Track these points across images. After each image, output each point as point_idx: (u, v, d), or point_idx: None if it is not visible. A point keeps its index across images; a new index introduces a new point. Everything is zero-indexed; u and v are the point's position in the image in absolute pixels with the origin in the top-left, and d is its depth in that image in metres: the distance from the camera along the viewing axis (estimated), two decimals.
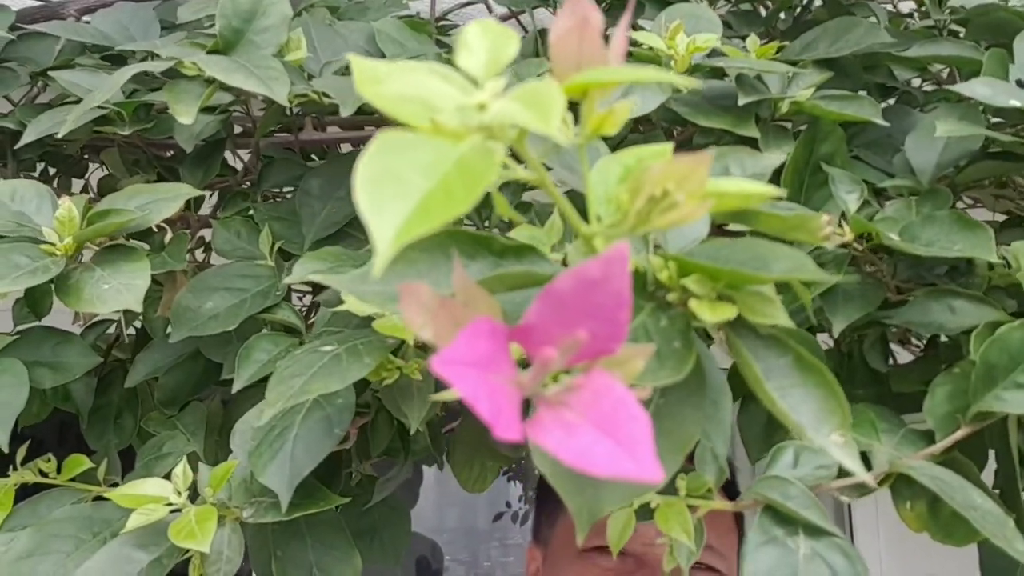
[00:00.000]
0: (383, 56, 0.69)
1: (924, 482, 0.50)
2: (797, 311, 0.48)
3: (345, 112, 0.55)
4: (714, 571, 0.80)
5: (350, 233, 0.65)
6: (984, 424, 0.56)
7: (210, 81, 0.60)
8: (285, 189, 0.80)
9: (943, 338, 0.74)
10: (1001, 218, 0.78)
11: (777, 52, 0.70)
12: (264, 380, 0.50)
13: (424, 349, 0.49)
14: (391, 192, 0.22)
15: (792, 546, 0.46)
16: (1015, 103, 0.60)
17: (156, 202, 0.59)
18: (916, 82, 0.88)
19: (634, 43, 0.66)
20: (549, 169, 0.36)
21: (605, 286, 0.24)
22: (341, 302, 0.49)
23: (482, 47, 0.27)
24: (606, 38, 0.29)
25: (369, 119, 0.82)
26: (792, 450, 0.51)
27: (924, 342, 0.78)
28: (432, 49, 0.66)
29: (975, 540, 0.57)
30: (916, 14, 0.93)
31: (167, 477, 0.53)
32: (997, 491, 0.60)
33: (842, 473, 0.52)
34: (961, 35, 0.82)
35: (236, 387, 0.57)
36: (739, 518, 0.87)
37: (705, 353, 0.37)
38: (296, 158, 0.79)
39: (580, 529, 0.33)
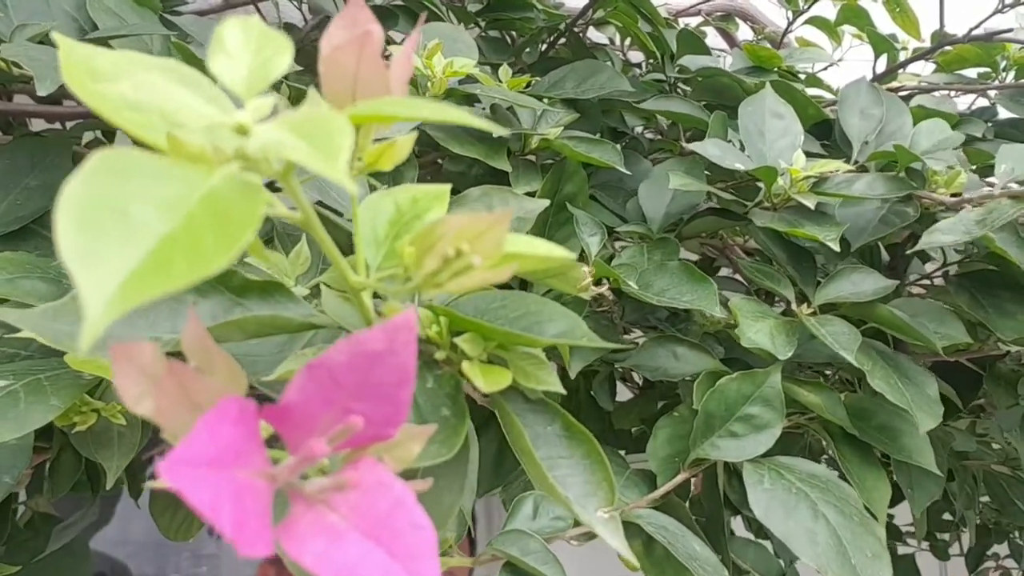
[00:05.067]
0: (95, 28, 0.59)
1: (650, 531, 0.51)
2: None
3: (42, 91, 0.45)
4: None
5: (39, 232, 0.54)
6: (701, 469, 0.59)
7: None
8: None
9: None
10: None
11: (526, 86, 0.70)
12: None
13: None
14: (113, 233, 0.16)
15: None
16: (739, 166, 0.64)
17: None
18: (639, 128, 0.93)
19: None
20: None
21: (388, 360, 0.20)
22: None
23: (245, 53, 0.22)
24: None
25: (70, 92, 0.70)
26: (531, 501, 0.49)
27: (642, 380, 0.82)
28: (159, 29, 0.57)
29: None
30: (644, 64, 0.99)
31: None
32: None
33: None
34: (686, 92, 0.88)
35: None
36: None
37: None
38: None
39: None
